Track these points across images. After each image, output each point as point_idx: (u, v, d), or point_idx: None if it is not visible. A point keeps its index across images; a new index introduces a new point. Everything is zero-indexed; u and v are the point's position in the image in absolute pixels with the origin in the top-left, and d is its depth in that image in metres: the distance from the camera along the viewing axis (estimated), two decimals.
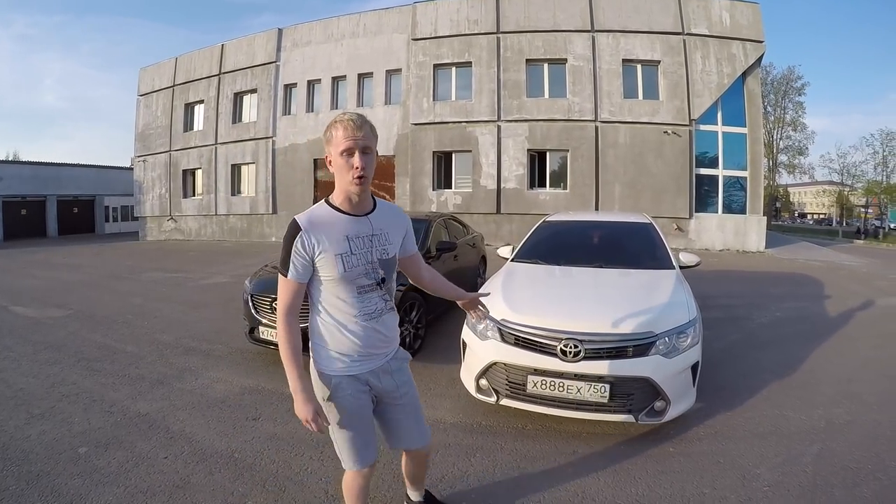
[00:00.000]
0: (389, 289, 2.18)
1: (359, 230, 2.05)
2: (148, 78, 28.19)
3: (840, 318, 8.03)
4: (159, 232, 27.54)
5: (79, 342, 6.52)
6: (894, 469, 3.37)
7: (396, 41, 21.54)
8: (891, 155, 39.16)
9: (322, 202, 2.08)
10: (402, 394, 2.27)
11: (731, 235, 19.37)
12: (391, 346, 2.24)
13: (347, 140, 1.92)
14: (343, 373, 2.09)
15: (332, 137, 1.96)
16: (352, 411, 2.13)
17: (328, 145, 1.99)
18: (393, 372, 2.24)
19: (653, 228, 5.93)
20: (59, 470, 3.33)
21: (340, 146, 1.93)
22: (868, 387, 4.96)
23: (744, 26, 19.55)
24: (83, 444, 3.70)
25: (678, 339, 3.66)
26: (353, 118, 1.96)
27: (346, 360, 2.09)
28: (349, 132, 1.92)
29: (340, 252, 1.98)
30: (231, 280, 11.72)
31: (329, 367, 2.10)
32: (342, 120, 1.96)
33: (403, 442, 2.37)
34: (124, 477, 3.25)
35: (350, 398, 2.11)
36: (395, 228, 2.21)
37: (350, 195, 2.03)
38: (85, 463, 3.43)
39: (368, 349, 2.11)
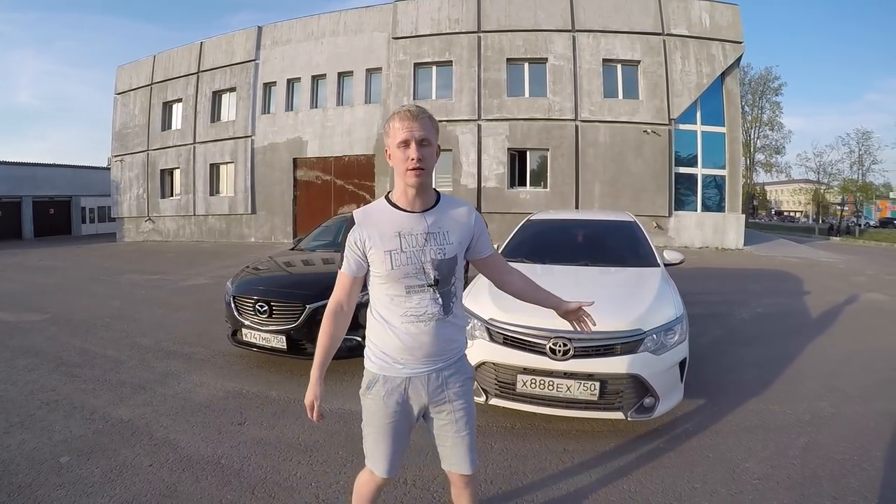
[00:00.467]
0: (446, 292, 2.00)
1: (412, 227, 1.94)
2: (125, 76, 27.76)
3: (820, 313, 8.17)
4: (137, 233, 27.13)
5: (57, 347, 6.37)
6: (880, 460, 3.43)
7: (377, 40, 21.46)
8: (866, 154, 39.94)
9: (382, 198, 2.02)
10: (451, 411, 2.09)
11: (710, 233, 19.63)
12: (444, 356, 2.05)
13: (404, 131, 1.86)
14: (381, 371, 2.02)
15: (390, 129, 1.91)
16: (378, 414, 2.04)
17: (386, 138, 1.94)
18: (445, 385, 2.07)
19: (637, 227, 5.96)
20: (42, 481, 3.22)
21: (397, 137, 1.87)
22: (850, 380, 5.05)
23: (723, 27, 19.82)
24: (65, 452, 3.59)
25: (666, 336, 3.67)
26: (411, 109, 1.90)
27: (387, 359, 2.00)
28: (406, 123, 1.86)
29: (389, 249, 1.90)
30: (211, 282, 11.57)
31: (371, 363, 2.06)
32: (400, 111, 1.90)
33: (445, 461, 2.19)
34: (109, 486, 3.16)
35: (380, 400, 2.02)
36: (458, 227, 2.04)
37: (406, 188, 1.93)
38: (68, 473, 3.32)
39: (413, 353, 1.98)
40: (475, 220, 2.12)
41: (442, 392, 2.06)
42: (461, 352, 2.15)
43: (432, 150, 1.92)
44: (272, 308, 5.17)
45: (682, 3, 19.89)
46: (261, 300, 5.23)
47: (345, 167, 21.92)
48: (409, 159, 1.85)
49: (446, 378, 2.06)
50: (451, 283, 2.02)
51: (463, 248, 2.06)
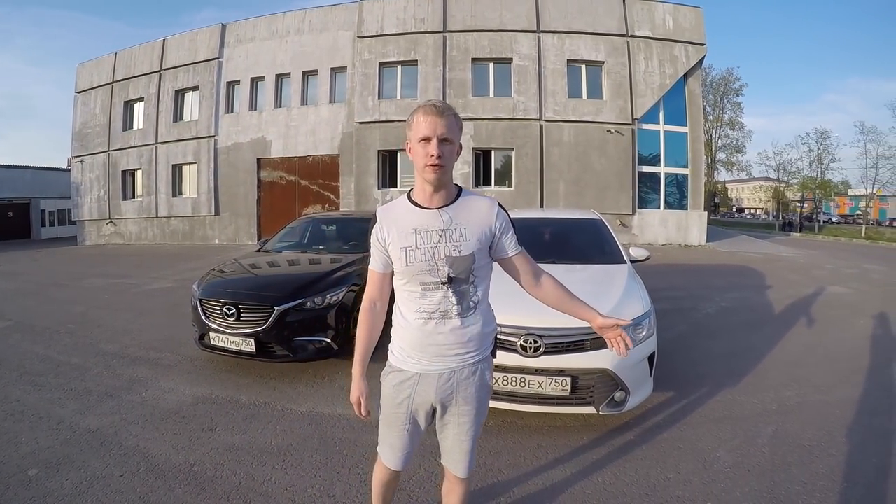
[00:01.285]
0: (462, 291, 1.95)
1: (428, 224, 1.92)
2: (86, 74, 26.92)
3: (783, 306, 8.43)
4: (98, 236, 26.41)
5: (20, 355, 6.16)
6: (845, 445, 3.59)
7: (342, 38, 21.31)
8: (825, 152, 41.14)
9: (404, 195, 2.05)
10: (459, 412, 2.08)
11: (673, 230, 20.03)
12: (458, 357, 2.01)
13: (427, 127, 1.84)
14: (397, 364, 2.08)
15: (412, 123, 1.90)
16: (388, 402, 2.11)
17: (408, 130, 1.94)
18: (456, 385, 2.03)
19: (602, 224, 6.05)
20: (10, 495, 3.13)
21: (419, 132, 1.86)
22: (814, 370, 5.25)
23: (686, 29, 20.24)
24: (33, 465, 3.50)
25: (635, 331, 3.74)
26: (436, 104, 1.88)
27: (402, 353, 2.05)
28: (430, 118, 1.84)
29: (405, 245, 1.91)
30: (175, 285, 11.35)
31: (391, 354, 2.11)
32: (424, 106, 1.88)
33: (444, 456, 2.21)
34: (80, 499, 3.08)
35: (390, 391, 2.09)
36: (476, 224, 1.97)
37: (424, 184, 1.93)
38: (37, 486, 3.24)
39: (424, 351, 1.98)
40: (497, 216, 2.04)
41: (451, 394, 2.04)
42: (480, 356, 2.07)
43: (453, 148, 1.92)
44: (240, 311, 5.10)
45: (646, 5, 20.25)
46: (228, 303, 5.16)
47: (309, 167, 21.73)
48: (428, 155, 1.84)
49: (459, 381, 2.03)
50: (469, 282, 1.96)
51: (483, 245, 1.98)
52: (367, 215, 7.83)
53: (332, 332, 5.18)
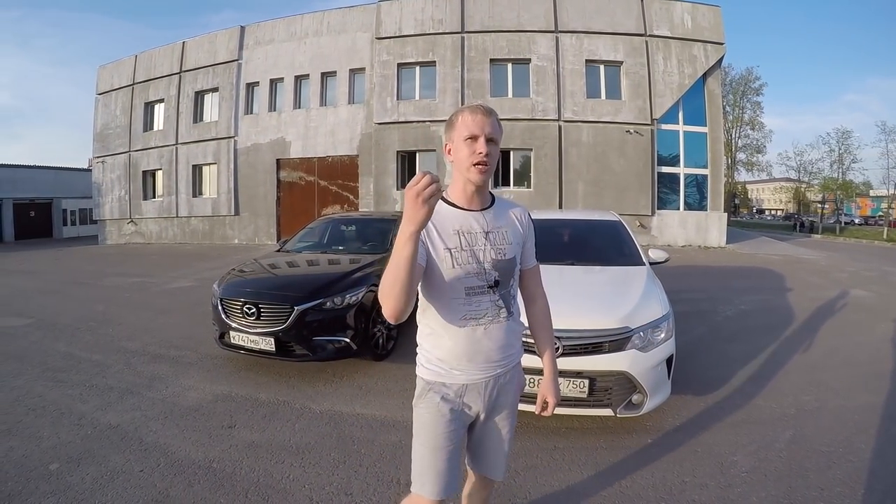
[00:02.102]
0: (505, 294, 1.90)
1: (471, 225, 1.84)
2: (107, 76, 27.39)
3: (802, 309, 8.30)
4: (119, 235, 26.82)
5: (42, 352, 6.28)
6: (864, 451, 3.52)
7: (360, 40, 21.41)
8: (846, 153, 40.55)
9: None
10: (501, 418, 2.03)
11: (692, 231, 19.83)
12: (503, 361, 1.95)
13: (475, 125, 1.77)
14: (436, 378, 1.89)
15: (457, 122, 1.81)
16: (431, 425, 1.89)
17: (451, 131, 1.84)
18: (500, 390, 1.97)
19: (621, 226, 6.02)
20: (32, 488, 3.19)
21: (466, 131, 1.78)
22: (833, 374, 5.16)
23: (705, 28, 20.04)
24: (54, 459, 3.56)
25: (653, 333, 3.73)
26: (483, 105, 1.83)
27: (443, 366, 1.88)
28: (477, 117, 1.78)
29: (451, 247, 1.79)
30: (196, 284, 11.48)
31: (425, 370, 1.92)
32: (470, 106, 1.83)
33: (477, 463, 2.11)
34: (100, 493, 3.13)
35: (434, 409, 1.88)
36: (514, 228, 1.95)
37: (466, 184, 1.84)
38: (58, 480, 3.29)
39: (472, 359, 1.87)
40: (528, 222, 2.05)
41: (498, 399, 1.98)
42: (518, 358, 2.06)
43: (497, 150, 1.84)
44: (260, 310, 5.15)
45: (664, 4, 20.09)
46: (248, 302, 5.22)
47: (328, 168, 21.84)
48: (475, 153, 1.77)
49: (503, 385, 1.98)
50: (510, 285, 1.92)
51: (520, 249, 1.98)
52: (387, 216, 7.88)
53: (351, 332, 5.21)
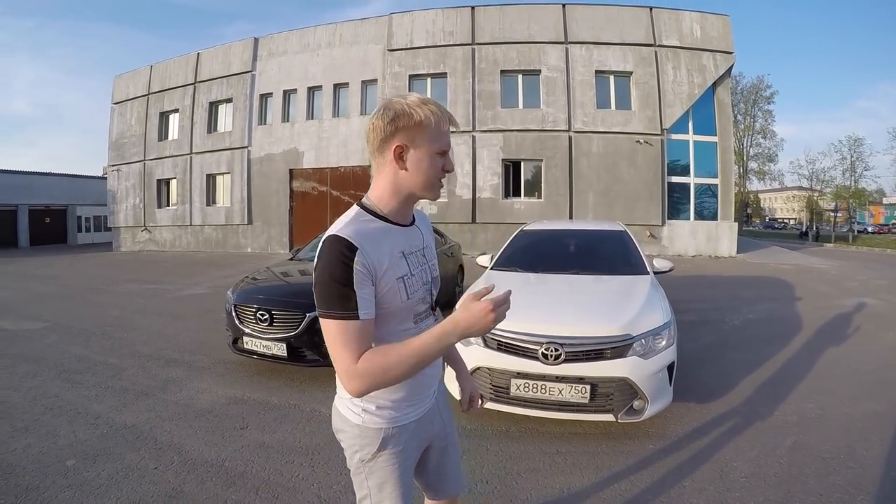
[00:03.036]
0: (437, 312, 1.73)
1: (412, 244, 1.59)
2: (122, 86, 27.87)
3: (810, 318, 8.31)
4: (133, 242, 27.16)
5: (58, 354, 6.44)
6: (865, 458, 3.55)
7: (372, 52, 21.67)
8: (858, 160, 40.30)
9: (357, 210, 1.54)
10: (448, 433, 1.84)
11: (703, 241, 19.81)
12: (439, 378, 1.79)
13: (447, 139, 1.53)
14: (393, 423, 1.58)
15: (428, 127, 1.46)
16: (400, 471, 1.62)
17: (415, 131, 1.46)
18: (440, 409, 1.81)
19: (627, 236, 6.11)
20: (49, 483, 3.31)
21: (438, 144, 1.49)
22: (838, 382, 5.19)
23: (714, 38, 20.11)
24: (71, 456, 3.68)
25: (654, 340, 3.81)
26: (447, 111, 1.54)
27: (398, 406, 1.59)
28: (446, 128, 1.52)
29: (402, 275, 1.50)
30: (209, 291, 11.64)
31: (376, 420, 1.57)
32: (442, 111, 1.50)
33: (443, 491, 1.90)
34: (115, 488, 3.24)
35: (400, 454, 1.61)
36: (432, 238, 1.78)
37: (412, 201, 1.59)
38: (74, 475, 3.41)
39: (427, 388, 1.68)
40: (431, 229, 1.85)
41: (443, 414, 1.83)
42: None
43: None
44: (273, 316, 5.28)
45: (673, 14, 20.21)
46: (262, 309, 5.34)
47: (341, 178, 22.05)
48: (445, 171, 1.55)
49: (441, 403, 1.83)
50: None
51: None
52: None
53: None
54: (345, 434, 1.62)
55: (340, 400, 1.64)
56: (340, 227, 1.43)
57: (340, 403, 1.63)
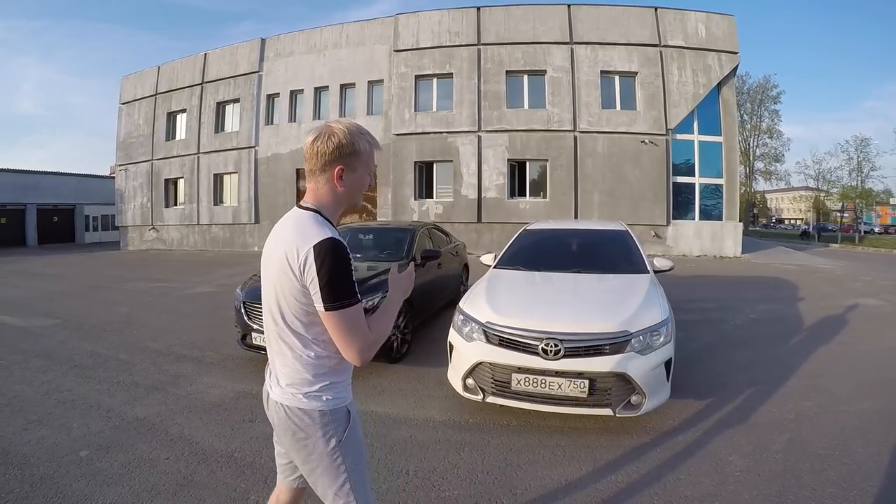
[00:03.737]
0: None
1: None
2: (130, 86, 28.09)
3: (812, 318, 8.37)
4: (141, 241, 27.38)
5: (69, 350, 6.57)
6: (860, 455, 3.62)
7: (378, 52, 21.78)
8: (865, 160, 40.11)
9: (322, 217, 1.76)
10: None
11: (707, 241, 19.83)
12: None
13: (374, 161, 1.87)
14: (348, 400, 1.84)
15: (364, 151, 1.79)
16: (362, 443, 1.89)
17: (353, 157, 1.76)
18: None
19: (628, 235, 6.20)
20: (62, 473, 3.41)
21: (371, 165, 1.84)
22: (836, 381, 5.25)
23: (719, 38, 20.12)
24: (84, 447, 3.79)
25: (652, 337, 3.90)
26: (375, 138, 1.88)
27: (346, 385, 1.85)
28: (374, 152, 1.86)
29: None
30: (217, 290, 11.77)
31: (339, 400, 1.79)
32: (371, 138, 1.85)
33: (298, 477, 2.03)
34: (128, 478, 3.35)
35: (358, 427, 1.86)
36: None
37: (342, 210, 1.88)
38: (87, 465, 3.51)
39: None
40: None
41: None
42: None
43: None
44: None
45: (678, 14, 20.23)
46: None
47: None
48: (370, 185, 1.90)
49: None
50: None
51: None
52: (404, 226, 8.14)
53: None
54: (312, 427, 1.74)
55: (295, 398, 1.75)
56: (329, 233, 1.66)
57: (298, 402, 1.75)
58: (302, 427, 1.74)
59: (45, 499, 3.12)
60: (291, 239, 1.68)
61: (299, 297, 1.67)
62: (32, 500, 3.10)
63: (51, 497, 3.13)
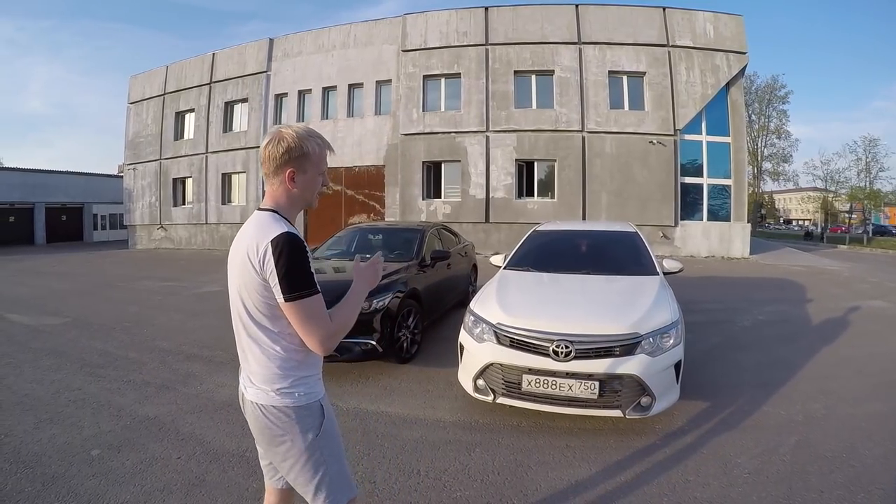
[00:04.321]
0: None
1: None
2: (138, 86, 28.26)
3: (820, 320, 8.34)
4: (149, 240, 27.52)
5: (79, 349, 6.61)
6: (868, 457, 3.62)
7: (386, 52, 21.81)
8: (873, 161, 39.86)
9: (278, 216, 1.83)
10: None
11: (715, 242, 19.76)
12: None
13: (325, 162, 1.93)
14: (320, 394, 1.90)
15: (314, 156, 1.86)
16: (336, 433, 1.94)
17: (302, 160, 1.83)
18: None
19: (637, 237, 6.20)
20: (74, 472, 3.43)
21: (322, 166, 1.91)
22: (844, 383, 5.23)
23: (727, 38, 20.04)
24: (95, 446, 3.80)
25: (662, 339, 3.90)
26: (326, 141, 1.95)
27: (316, 380, 1.91)
28: (324, 154, 1.92)
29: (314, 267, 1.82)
30: (225, 289, 11.64)
31: (311, 395, 1.85)
32: (323, 140, 1.92)
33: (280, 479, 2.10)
34: (140, 477, 3.37)
35: (332, 418, 1.92)
36: None
37: (298, 210, 1.94)
38: (99, 464, 3.53)
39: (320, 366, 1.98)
40: None
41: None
42: None
43: None
44: None
45: (686, 14, 20.17)
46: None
47: (355, 177, 22.20)
48: (323, 185, 1.96)
49: None
50: None
51: None
52: (413, 226, 8.15)
53: (378, 335, 5.43)
54: (289, 424, 1.80)
55: (269, 396, 1.81)
56: (286, 228, 1.75)
57: (271, 399, 1.80)
58: (279, 425, 1.80)
59: (57, 498, 3.13)
60: (252, 236, 1.76)
61: (261, 291, 1.74)
62: (44, 500, 3.11)
63: (63, 496, 3.14)
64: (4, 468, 3.48)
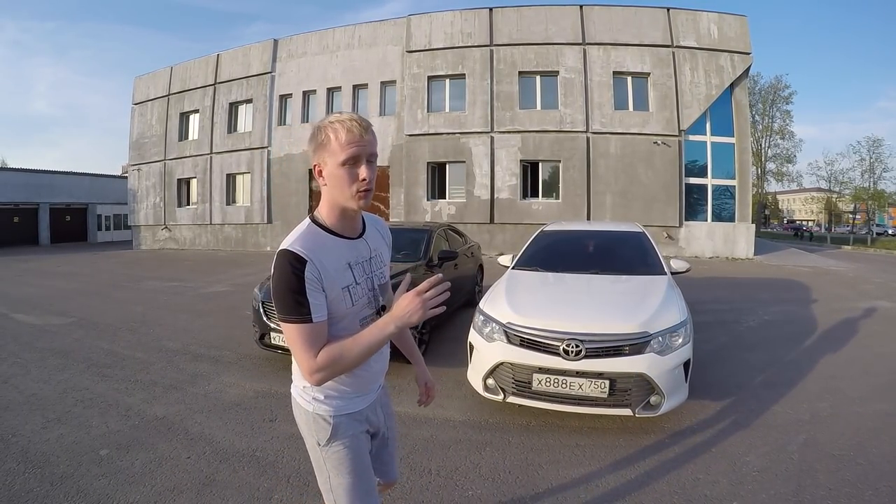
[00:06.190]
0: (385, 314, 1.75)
1: (359, 255, 1.70)
2: (143, 86, 28.30)
3: (825, 320, 8.32)
4: (153, 241, 27.57)
5: (86, 349, 6.62)
6: (875, 455, 3.62)
7: (391, 53, 21.83)
8: (877, 162, 39.80)
9: (308, 224, 1.64)
10: (389, 426, 2.03)
11: (720, 243, 19.73)
12: (383, 373, 1.92)
13: (354, 146, 1.53)
14: (343, 411, 1.73)
15: (330, 142, 1.54)
16: (354, 454, 1.76)
17: (321, 151, 1.56)
18: (383, 403, 1.98)
19: (645, 237, 6.20)
20: (83, 471, 3.42)
21: (343, 153, 1.53)
22: (851, 383, 5.23)
23: (731, 38, 20.01)
24: (104, 446, 3.80)
25: (671, 338, 3.91)
26: (358, 119, 1.57)
27: (344, 396, 1.74)
28: (354, 136, 1.53)
29: (347, 284, 1.61)
30: (231, 289, 11.84)
31: (325, 408, 1.72)
32: (342, 121, 1.55)
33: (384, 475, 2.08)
34: (150, 477, 3.36)
35: (352, 439, 1.76)
36: (385, 246, 1.90)
37: (348, 213, 1.65)
38: (108, 464, 3.52)
39: (369, 384, 1.81)
40: (388, 234, 1.96)
41: (387, 408, 2.02)
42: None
43: (376, 167, 1.64)
44: None
45: (690, 15, 20.15)
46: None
47: None
48: (360, 180, 1.56)
49: (382, 396, 1.99)
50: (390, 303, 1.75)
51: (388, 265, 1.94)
52: (418, 226, 8.15)
53: None
54: (300, 420, 1.80)
55: (295, 389, 1.80)
56: (291, 241, 1.55)
57: (295, 392, 1.80)
58: (299, 420, 1.81)
59: (66, 498, 3.12)
60: None
61: None
62: (53, 500, 3.11)
63: (72, 496, 3.14)
64: (13, 468, 3.48)
